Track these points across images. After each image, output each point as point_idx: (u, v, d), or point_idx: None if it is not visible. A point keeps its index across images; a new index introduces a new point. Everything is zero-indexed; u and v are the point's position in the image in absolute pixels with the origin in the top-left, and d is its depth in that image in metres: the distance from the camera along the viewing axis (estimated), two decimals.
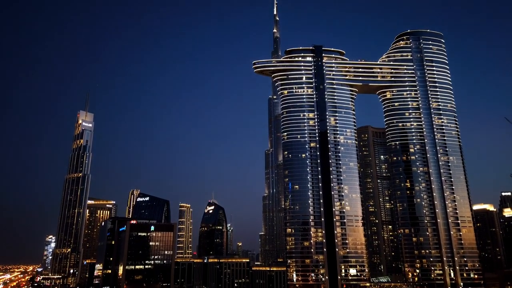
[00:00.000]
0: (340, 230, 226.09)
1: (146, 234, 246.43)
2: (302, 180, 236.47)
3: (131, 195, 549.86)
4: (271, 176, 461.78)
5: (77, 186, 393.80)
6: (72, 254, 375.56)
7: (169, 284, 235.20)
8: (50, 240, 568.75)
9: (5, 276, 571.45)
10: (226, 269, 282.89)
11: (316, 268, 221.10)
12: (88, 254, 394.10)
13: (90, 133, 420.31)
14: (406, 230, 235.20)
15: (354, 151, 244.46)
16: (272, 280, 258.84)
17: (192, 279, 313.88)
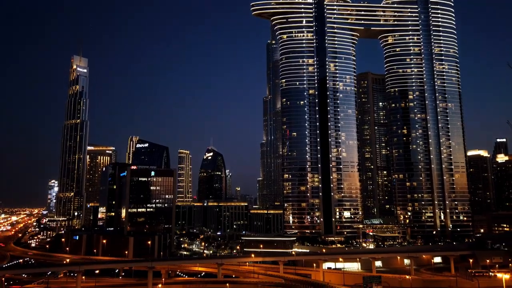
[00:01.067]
0: (336, 176, 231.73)
1: (146, 179, 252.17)
2: (300, 127, 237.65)
3: (130, 142, 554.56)
4: (269, 123, 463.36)
5: (75, 132, 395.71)
6: (75, 198, 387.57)
7: (171, 225, 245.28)
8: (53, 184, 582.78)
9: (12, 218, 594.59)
10: (225, 212, 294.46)
11: (312, 211, 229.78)
12: (91, 197, 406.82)
13: (85, 79, 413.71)
14: (400, 175, 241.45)
15: (352, 98, 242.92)
16: (270, 222, 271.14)
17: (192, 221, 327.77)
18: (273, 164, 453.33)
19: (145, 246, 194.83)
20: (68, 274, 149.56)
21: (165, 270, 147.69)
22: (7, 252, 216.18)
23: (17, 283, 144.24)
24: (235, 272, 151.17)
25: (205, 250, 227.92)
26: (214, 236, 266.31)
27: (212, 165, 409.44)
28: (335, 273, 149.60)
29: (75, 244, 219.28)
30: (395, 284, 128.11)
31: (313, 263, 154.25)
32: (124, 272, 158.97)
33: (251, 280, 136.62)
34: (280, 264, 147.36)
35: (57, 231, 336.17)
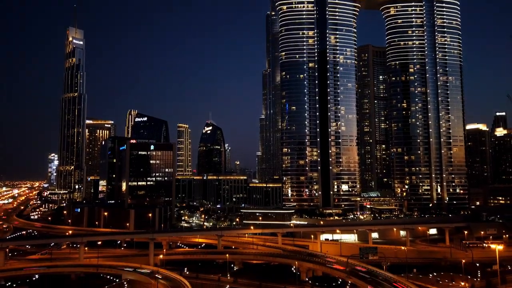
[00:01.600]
0: (335, 150, 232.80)
1: (146, 153, 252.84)
2: (299, 101, 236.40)
3: (129, 115, 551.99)
4: (268, 97, 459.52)
5: (74, 106, 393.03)
6: (75, 171, 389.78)
7: (171, 198, 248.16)
8: (53, 158, 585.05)
9: (14, 191, 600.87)
10: (225, 185, 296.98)
11: (310, 185, 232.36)
12: (91, 171, 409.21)
13: (82, 51, 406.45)
14: (398, 149, 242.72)
15: (353, 71, 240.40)
16: (268, 196, 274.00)
17: (192, 194, 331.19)
18: (272, 138, 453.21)
19: (146, 219, 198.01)
20: (71, 246, 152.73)
21: (166, 242, 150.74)
22: (10, 224, 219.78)
23: (21, 254, 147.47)
24: (234, 243, 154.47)
25: (205, 223, 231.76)
26: (214, 209, 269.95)
27: (211, 139, 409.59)
28: (332, 244, 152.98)
29: (76, 217, 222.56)
30: (391, 254, 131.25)
31: (311, 235, 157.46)
32: (126, 243, 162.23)
33: (250, 251, 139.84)
34: (278, 236, 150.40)
35: (59, 204, 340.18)
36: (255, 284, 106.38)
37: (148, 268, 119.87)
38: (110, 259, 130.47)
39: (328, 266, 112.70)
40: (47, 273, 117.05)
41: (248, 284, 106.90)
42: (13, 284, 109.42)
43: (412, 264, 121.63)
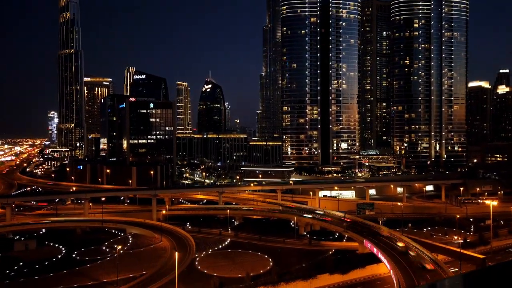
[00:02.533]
0: (335, 108, 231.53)
1: (146, 111, 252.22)
2: (300, 59, 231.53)
3: (127, 73, 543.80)
4: (268, 54, 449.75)
5: (70, 62, 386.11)
6: (76, 129, 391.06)
7: (172, 156, 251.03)
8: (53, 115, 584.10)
9: (16, 148, 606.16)
10: (225, 143, 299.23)
11: (310, 143, 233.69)
12: (92, 129, 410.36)
13: (76, 5, 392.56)
14: (399, 107, 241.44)
15: (356, 27, 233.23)
16: (268, 153, 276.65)
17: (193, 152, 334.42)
18: (272, 97, 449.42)
19: (148, 176, 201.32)
20: (75, 202, 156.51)
21: (168, 198, 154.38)
22: (14, 180, 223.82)
23: (26, 209, 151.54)
24: (235, 199, 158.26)
25: (206, 180, 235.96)
26: (215, 167, 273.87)
27: (211, 97, 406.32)
28: (330, 200, 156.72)
29: (79, 174, 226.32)
30: (387, 210, 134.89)
31: (310, 192, 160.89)
32: (129, 199, 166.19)
33: (250, 207, 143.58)
34: (278, 192, 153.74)
35: (61, 161, 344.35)
36: (255, 238, 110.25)
37: (152, 223, 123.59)
38: (114, 214, 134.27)
39: (325, 221, 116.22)
40: (54, 227, 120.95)
41: (248, 238, 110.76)
42: (21, 237, 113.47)
43: (408, 219, 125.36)
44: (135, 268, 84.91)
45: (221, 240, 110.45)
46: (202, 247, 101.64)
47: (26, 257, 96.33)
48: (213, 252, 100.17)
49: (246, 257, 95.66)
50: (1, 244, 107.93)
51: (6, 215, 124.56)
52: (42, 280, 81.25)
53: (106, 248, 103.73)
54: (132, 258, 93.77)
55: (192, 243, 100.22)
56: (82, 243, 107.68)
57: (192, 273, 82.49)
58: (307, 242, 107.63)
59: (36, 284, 79.02)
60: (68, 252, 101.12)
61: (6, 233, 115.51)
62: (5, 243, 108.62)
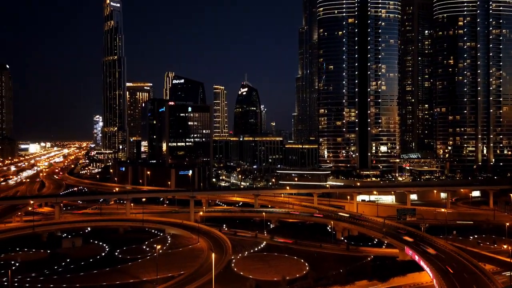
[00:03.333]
0: (374, 110, 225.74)
1: (184, 115, 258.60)
2: (337, 60, 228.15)
3: (166, 78, 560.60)
4: (305, 56, 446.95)
5: (114, 69, 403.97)
6: (119, 132, 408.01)
7: (209, 159, 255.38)
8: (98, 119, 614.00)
9: (64, 151, 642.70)
10: (261, 146, 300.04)
11: (347, 146, 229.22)
12: (133, 132, 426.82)
13: (119, 14, 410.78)
14: (442, 108, 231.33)
15: (395, 26, 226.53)
16: (304, 157, 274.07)
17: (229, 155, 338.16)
18: (308, 99, 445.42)
19: (186, 178, 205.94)
20: (118, 202, 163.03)
21: (205, 200, 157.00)
22: (62, 181, 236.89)
23: (73, 208, 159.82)
24: (270, 202, 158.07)
25: (242, 182, 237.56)
26: (250, 169, 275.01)
27: (247, 101, 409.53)
28: (368, 205, 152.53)
29: (122, 175, 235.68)
30: (430, 216, 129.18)
31: (347, 196, 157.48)
32: (168, 200, 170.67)
33: (286, 210, 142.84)
34: (314, 196, 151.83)
35: (105, 163, 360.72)
36: (291, 241, 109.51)
37: (190, 224, 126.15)
38: (154, 214, 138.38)
39: (363, 226, 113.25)
40: (98, 226, 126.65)
41: (284, 241, 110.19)
42: (68, 235, 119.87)
43: (452, 226, 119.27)
44: (174, 268, 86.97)
45: (257, 242, 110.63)
46: (238, 249, 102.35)
47: (73, 254, 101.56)
48: (249, 254, 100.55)
49: (282, 260, 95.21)
50: (51, 241, 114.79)
51: (55, 214, 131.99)
52: (87, 276, 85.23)
53: (146, 247, 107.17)
54: (170, 258, 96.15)
55: (228, 244, 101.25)
56: (124, 242, 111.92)
57: (228, 275, 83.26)
58: (345, 248, 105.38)
59: (82, 280, 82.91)
60: (111, 250, 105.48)
61: (55, 231, 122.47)
62: (54, 240, 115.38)
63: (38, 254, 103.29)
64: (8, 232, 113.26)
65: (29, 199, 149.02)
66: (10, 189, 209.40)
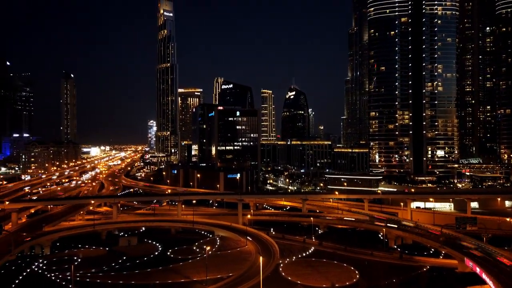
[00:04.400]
0: (430, 112, 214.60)
1: (233, 119, 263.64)
2: (389, 61, 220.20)
3: (215, 83, 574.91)
4: (354, 58, 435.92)
5: (167, 75, 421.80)
6: (171, 136, 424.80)
7: (256, 162, 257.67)
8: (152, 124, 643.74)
9: (121, 154, 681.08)
10: (309, 150, 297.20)
11: (400, 150, 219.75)
12: (185, 136, 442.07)
13: (172, 23, 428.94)
14: (507, 110, 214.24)
15: (453, 24, 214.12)
16: (354, 161, 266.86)
17: (277, 159, 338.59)
18: (358, 102, 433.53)
19: (234, 181, 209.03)
20: (170, 203, 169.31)
21: (253, 203, 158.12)
22: (120, 183, 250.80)
23: (129, 208, 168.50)
24: (318, 207, 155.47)
25: (290, 186, 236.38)
26: (298, 173, 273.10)
27: (294, 104, 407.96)
28: (424, 212, 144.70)
29: (174, 177, 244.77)
30: (493, 226, 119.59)
31: (400, 202, 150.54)
32: (216, 203, 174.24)
33: (335, 216, 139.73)
34: (365, 202, 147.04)
35: (158, 165, 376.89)
36: (341, 248, 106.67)
37: (238, 226, 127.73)
38: (204, 216, 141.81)
39: (418, 235, 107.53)
40: (152, 226, 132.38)
41: (333, 247, 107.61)
42: (124, 234, 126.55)
43: None
44: (223, 269, 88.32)
45: (305, 248, 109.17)
46: (286, 253, 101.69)
47: (129, 252, 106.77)
48: (297, 259, 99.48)
49: (331, 267, 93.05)
50: (109, 239, 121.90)
51: (113, 213, 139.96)
52: (142, 274, 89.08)
53: (196, 248, 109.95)
54: (219, 260, 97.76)
55: (276, 249, 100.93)
56: (175, 242, 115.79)
57: (276, 279, 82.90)
58: (398, 256, 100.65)
59: (137, 277, 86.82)
60: (164, 250, 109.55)
61: (113, 229, 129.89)
62: (112, 238, 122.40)
63: (98, 251, 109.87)
64: (72, 229, 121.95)
65: (90, 199, 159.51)
66: (74, 190, 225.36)
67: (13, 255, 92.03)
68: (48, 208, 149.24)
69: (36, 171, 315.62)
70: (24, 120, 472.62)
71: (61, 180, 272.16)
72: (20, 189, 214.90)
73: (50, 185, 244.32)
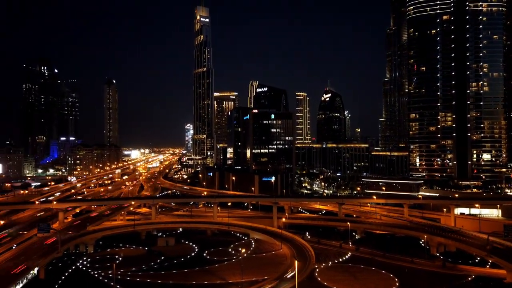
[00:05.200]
0: (475, 114, 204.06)
1: (267, 122, 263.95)
2: (430, 61, 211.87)
3: (250, 86, 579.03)
4: (393, 58, 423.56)
5: (203, 80, 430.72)
6: (207, 140, 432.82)
7: (291, 165, 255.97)
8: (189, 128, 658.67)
9: (159, 156, 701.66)
10: (345, 153, 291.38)
11: (443, 153, 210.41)
12: (220, 139, 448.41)
13: (208, 28, 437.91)
14: None
15: (500, 20, 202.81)
16: (393, 165, 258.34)
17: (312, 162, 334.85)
18: (397, 103, 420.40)
19: (269, 184, 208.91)
20: (206, 205, 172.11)
21: (287, 206, 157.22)
22: (158, 184, 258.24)
23: (167, 210, 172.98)
24: (355, 212, 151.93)
25: (325, 190, 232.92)
26: (334, 177, 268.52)
27: (330, 107, 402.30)
28: (469, 219, 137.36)
29: (209, 180, 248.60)
30: None
31: (443, 208, 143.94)
32: (251, 205, 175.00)
33: (373, 221, 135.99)
34: (405, 207, 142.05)
35: (195, 168, 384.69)
36: (379, 254, 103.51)
37: (273, 229, 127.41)
38: (239, 219, 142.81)
39: (462, 242, 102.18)
40: (189, 228, 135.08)
41: (371, 253, 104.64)
42: (163, 234, 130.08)
43: None
44: (257, 272, 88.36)
45: (341, 253, 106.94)
46: (321, 258, 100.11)
47: (167, 252, 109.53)
48: (333, 264, 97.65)
49: (369, 273, 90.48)
50: (148, 239, 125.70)
51: (152, 214, 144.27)
52: (179, 274, 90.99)
53: (232, 250, 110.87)
54: (254, 262, 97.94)
55: (311, 253, 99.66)
56: (211, 244, 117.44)
57: (312, 284, 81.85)
58: (440, 264, 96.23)
59: (174, 277, 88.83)
60: (200, 251, 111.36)
61: (152, 230, 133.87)
62: (151, 238, 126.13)
63: (137, 250, 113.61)
64: (114, 229, 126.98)
65: (131, 200, 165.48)
66: (115, 191, 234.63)
67: (60, 253, 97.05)
68: (92, 208, 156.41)
69: (81, 172, 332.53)
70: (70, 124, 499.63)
71: (104, 181, 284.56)
72: (67, 190, 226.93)
73: (93, 186, 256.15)
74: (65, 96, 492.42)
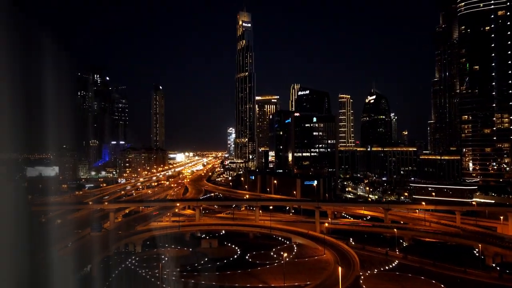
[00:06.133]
0: None
1: (309, 125, 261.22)
2: (484, 59, 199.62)
3: (292, 90, 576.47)
4: (442, 58, 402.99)
5: (245, 84, 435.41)
6: (249, 143, 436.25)
7: (334, 169, 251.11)
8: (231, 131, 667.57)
9: (203, 160, 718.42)
10: (391, 157, 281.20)
11: (499, 157, 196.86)
12: (262, 142, 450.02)
13: (250, 33, 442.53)
14: None
15: None
16: (443, 169, 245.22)
17: (356, 166, 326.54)
18: (448, 105, 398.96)
19: (311, 188, 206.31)
20: (248, 208, 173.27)
21: (330, 211, 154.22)
22: (202, 187, 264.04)
23: (210, 212, 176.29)
24: (402, 218, 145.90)
25: (370, 195, 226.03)
26: (379, 182, 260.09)
27: (375, 109, 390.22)
28: None
29: (251, 183, 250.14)
30: None
31: (500, 216, 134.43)
32: (293, 209, 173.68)
33: (421, 228, 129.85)
34: (457, 214, 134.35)
35: (237, 171, 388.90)
36: (428, 263, 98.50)
37: (315, 234, 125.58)
38: (280, 222, 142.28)
39: None
40: (231, 230, 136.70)
41: (419, 262, 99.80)
42: (206, 236, 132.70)
43: None
44: (300, 277, 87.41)
45: (388, 260, 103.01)
46: (366, 265, 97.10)
47: (210, 254, 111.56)
48: (378, 272, 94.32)
49: (417, 283, 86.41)
50: (192, 240, 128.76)
51: (195, 216, 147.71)
52: (222, 276, 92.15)
53: (274, 254, 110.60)
54: (296, 267, 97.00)
55: (356, 260, 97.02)
56: (253, 247, 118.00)
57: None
58: (497, 276, 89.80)
59: (217, 279, 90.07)
60: (242, 254, 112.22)
61: (195, 231, 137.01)
62: (194, 239, 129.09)
63: (182, 251, 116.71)
64: (161, 230, 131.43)
65: (176, 201, 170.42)
66: (162, 193, 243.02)
67: (111, 251, 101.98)
68: (140, 209, 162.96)
69: (130, 175, 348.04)
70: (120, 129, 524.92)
71: (151, 183, 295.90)
72: (116, 191, 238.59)
73: (141, 187, 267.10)
74: (115, 102, 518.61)
